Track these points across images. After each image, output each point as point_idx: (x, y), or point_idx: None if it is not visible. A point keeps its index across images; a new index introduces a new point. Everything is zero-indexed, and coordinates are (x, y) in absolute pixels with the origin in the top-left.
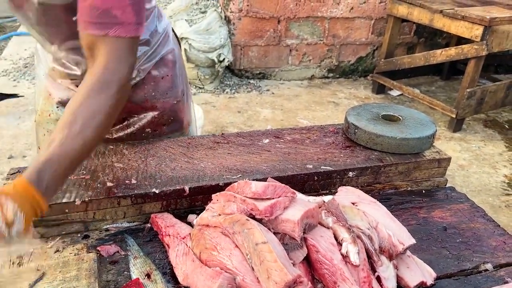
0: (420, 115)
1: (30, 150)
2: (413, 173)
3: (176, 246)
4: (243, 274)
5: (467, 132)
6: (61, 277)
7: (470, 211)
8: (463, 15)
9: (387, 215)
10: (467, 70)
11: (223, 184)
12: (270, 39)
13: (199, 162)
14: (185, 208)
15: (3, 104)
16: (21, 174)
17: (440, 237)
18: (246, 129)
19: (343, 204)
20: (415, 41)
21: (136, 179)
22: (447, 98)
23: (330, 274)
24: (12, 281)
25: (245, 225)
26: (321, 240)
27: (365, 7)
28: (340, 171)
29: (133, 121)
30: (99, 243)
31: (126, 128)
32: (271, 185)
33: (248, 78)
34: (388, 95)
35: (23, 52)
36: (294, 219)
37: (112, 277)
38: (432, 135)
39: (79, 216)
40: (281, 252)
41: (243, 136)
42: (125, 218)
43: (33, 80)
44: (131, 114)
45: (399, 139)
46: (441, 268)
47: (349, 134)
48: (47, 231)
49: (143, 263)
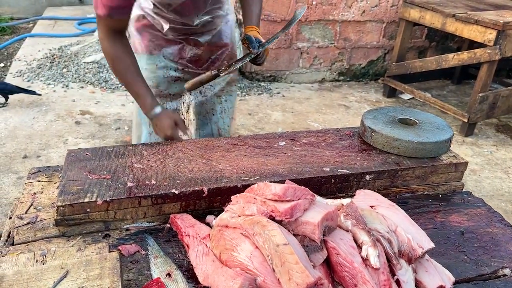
0: (437, 119)
1: (44, 150)
2: (430, 177)
3: (196, 246)
4: (264, 275)
5: (479, 137)
6: (85, 276)
7: (487, 216)
8: (476, 19)
9: (406, 219)
10: (479, 75)
11: (241, 186)
12: (281, 42)
13: (216, 163)
14: (204, 209)
15: (17, 105)
16: (41, 173)
17: (458, 242)
18: (257, 131)
19: (362, 208)
20: (427, 45)
21: (156, 180)
22: (458, 102)
23: (350, 277)
24: (37, 278)
25: (266, 226)
26: (341, 242)
27: (376, 11)
28: (357, 174)
29: (215, 58)
30: (120, 242)
31: (213, 64)
32: (291, 187)
33: (258, 81)
34: (399, 98)
35: (36, 53)
36: (314, 221)
37: (133, 276)
38: (449, 139)
39: (100, 215)
40: (302, 254)
41: (259, 139)
42: (145, 218)
43: (46, 81)
44: (212, 54)
45: (416, 143)
46: (459, 273)
47: (365, 137)
48: (69, 230)
49: (163, 262)
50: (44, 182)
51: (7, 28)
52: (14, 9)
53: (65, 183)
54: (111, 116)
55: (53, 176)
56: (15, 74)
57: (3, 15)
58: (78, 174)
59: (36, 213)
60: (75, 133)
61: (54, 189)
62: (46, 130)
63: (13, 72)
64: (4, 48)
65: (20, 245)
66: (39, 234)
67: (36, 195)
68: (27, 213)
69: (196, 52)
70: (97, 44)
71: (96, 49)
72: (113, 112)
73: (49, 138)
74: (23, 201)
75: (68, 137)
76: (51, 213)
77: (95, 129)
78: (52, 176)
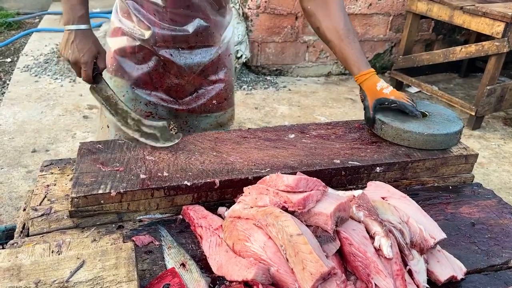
0: (447, 111)
1: (52, 144)
2: (440, 169)
3: (209, 237)
4: (277, 265)
5: (487, 130)
6: (101, 265)
7: (498, 207)
8: (484, 11)
9: (418, 210)
10: (487, 67)
11: (252, 178)
12: (288, 35)
13: (227, 156)
14: (215, 200)
15: (25, 100)
16: (53, 166)
17: (469, 233)
18: (263, 125)
19: (373, 199)
20: (434, 38)
21: (168, 172)
22: (465, 95)
23: (363, 267)
24: (54, 268)
25: (279, 217)
26: (353, 233)
27: (383, 3)
28: (368, 166)
29: (202, 92)
30: (133, 233)
31: (197, 100)
32: (303, 178)
33: (265, 75)
34: (406, 92)
35: (43, 48)
36: (326, 212)
37: (147, 266)
38: (459, 131)
39: (114, 207)
40: (316, 244)
41: (268, 131)
42: (157, 209)
43: (54, 76)
44: (201, 87)
45: (427, 134)
46: (471, 263)
47: (375, 129)
48: (82, 222)
49: (177, 253)
50: (57, 175)
51: (13, 23)
52: (20, 4)
53: (79, 175)
54: None
55: (65, 168)
56: (22, 69)
57: (10, 10)
58: (91, 166)
59: (50, 205)
60: (83, 127)
61: (67, 181)
62: (54, 124)
63: (21, 67)
64: (11, 43)
65: (35, 236)
66: (54, 225)
67: (49, 187)
68: (41, 205)
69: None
70: (103, 39)
71: (102, 43)
72: None
73: (57, 132)
74: (36, 193)
75: (76, 131)
76: (64, 204)
77: None
78: (64, 168)
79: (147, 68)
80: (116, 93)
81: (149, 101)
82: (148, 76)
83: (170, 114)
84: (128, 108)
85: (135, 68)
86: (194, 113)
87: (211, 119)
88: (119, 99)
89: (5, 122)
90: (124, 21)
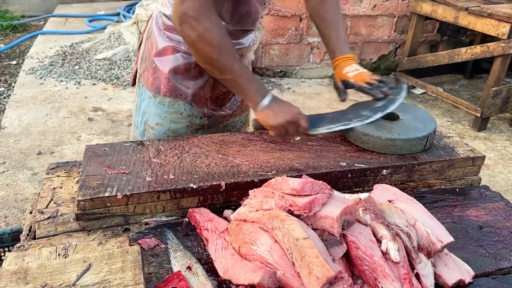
0: (426, 116)
1: (57, 147)
2: (447, 172)
3: (215, 240)
4: (283, 269)
5: (492, 132)
6: (107, 269)
7: (505, 210)
8: (489, 12)
9: (425, 213)
10: (492, 68)
11: (258, 180)
12: (292, 37)
13: (233, 158)
14: (221, 203)
15: (31, 102)
16: (60, 168)
17: (476, 236)
18: None
19: (380, 202)
20: (438, 39)
21: (174, 174)
22: (470, 96)
23: (370, 271)
24: (61, 271)
25: (285, 220)
26: (360, 236)
27: (387, 5)
28: (374, 168)
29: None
30: (139, 236)
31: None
32: (309, 181)
33: (269, 77)
34: (411, 93)
35: (48, 50)
36: (333, 216)
37: (153, 269)
38: (425, 137)
39: (120, 209)
40: (322, 248)
41: None
42: (163, 212)
43: (59, 78)
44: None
45: (385, 139)
46: (478, 267)
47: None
48: (89, 224)
49: (183, 256)
50: (63, 178)
51: (18, 26)
52: (25, 7)
53: (85, 178)
54: (123, 112)
55: (71, 171)
56: (27, 71)
57: (15, 13)
58: (97, 169)
59: (57, 207)
60: (88, 130)
61: (73, 184)
62: (59, 126)
63: (26, 70)
64: (17, 46)
65: (41, 239)
66: (60, 228)
67: (55, 190)
68: (48, 208)
69: (226, 90)
70: (108, 41)
71: (107, 46)
72: (125, 108)
73: (63, 135)
74: (43, 196)
75: (81, 133)
76: (71, 207)
77: (107, 126)
78: (70, 171)
79: (202, 82)
80: (172, 114)
81: (204, 113)
82: (202, 90)
83: (216, 122)
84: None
85: (191, 84)
86: (232, 117)
87: (242, 117)
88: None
89: (10, 124)
90: (175, 37)
